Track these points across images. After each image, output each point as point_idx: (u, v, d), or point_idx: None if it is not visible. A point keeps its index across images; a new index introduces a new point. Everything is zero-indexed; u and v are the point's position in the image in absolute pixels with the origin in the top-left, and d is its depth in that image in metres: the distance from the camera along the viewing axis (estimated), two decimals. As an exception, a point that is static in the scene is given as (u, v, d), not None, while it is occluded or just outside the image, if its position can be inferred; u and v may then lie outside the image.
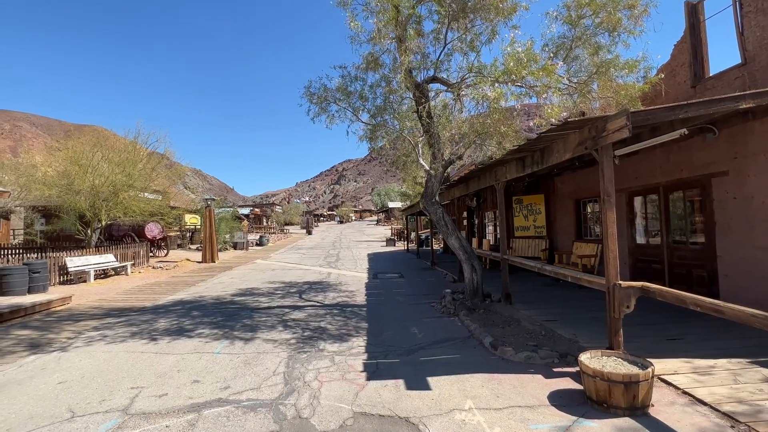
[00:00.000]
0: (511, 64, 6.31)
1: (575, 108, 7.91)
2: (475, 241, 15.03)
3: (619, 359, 4.00)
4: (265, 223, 61.71)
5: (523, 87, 6.90)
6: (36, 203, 21.57)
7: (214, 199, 24.73)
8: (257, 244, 32.23)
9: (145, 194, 19.71)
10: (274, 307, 8.81)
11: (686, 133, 4.95)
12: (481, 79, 7.03)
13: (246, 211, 57.26)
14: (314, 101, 8.35)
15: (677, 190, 7.83)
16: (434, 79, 8.19)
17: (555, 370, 4.71)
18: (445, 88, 8.19)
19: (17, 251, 19.39)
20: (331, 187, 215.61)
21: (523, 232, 12.98)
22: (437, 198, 8.66)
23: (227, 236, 28.14)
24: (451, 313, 7.66)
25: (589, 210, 10.97)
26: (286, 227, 64.39)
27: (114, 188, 17.31)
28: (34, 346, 6.16)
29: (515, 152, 6.47)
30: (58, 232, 20.80)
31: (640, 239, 8.87)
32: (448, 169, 9.30)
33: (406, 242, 27.21)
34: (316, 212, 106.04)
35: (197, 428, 3.55)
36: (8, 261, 12.46)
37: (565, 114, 7.54)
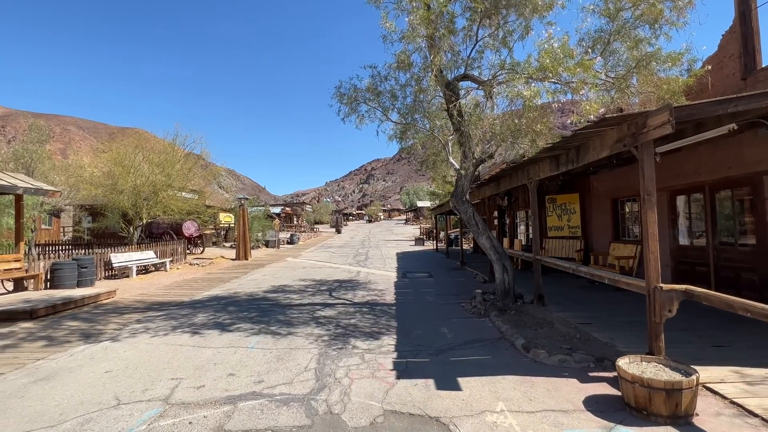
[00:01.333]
0: (547, 60, 6.16)
1: (613, 104, 7.64)
2: (505, 241, 14.76)
3: (660, 365, 3.84)
4: (295, 222, 62.89)
5: (558, 83, 6.72)
6: (84, 202, 22.89)
7: (247, 198, 25.45)
8: (288, 243, 32.90)
9: (183, 193, 20.52)
10: (305, 305, 8.97)
11: (735, 128, 4.67)
12: (514, 77, 6.90)
13: (277, 210, 58.51)
14: (344, 102, 8.44)
15: (725, 188, 7.41)
16: (465, 77, 8.10)
17: (591, 374, 4.57)
18: (476, 86, 8.09)
19: (67, 247, 20.62)
20: (360, 186, 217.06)
21: (556, 232, 12.65)
22: (467, 197, 8.56)
23: (259, 234, 28.89)
24: (481, 314, 7.57)
25: (627, 209, 10.56)
26: (315, 226, 65.39)
27: (154, 188, 18.10)
28: (84, 337, 6.53)
29: (549, 150, 6.31)
30: (103, 229, 22.02)
31: (683, 240, 8.45)
32: (479, 168, 9.19)
33: (435, 242, 27.06)
34: (345, 211, 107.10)
35: (233, 420, 3.67)
36: (59, 256, 13.28)
37: (602, 110, 7.29)
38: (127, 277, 13.98)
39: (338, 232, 52.68)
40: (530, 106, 6.82)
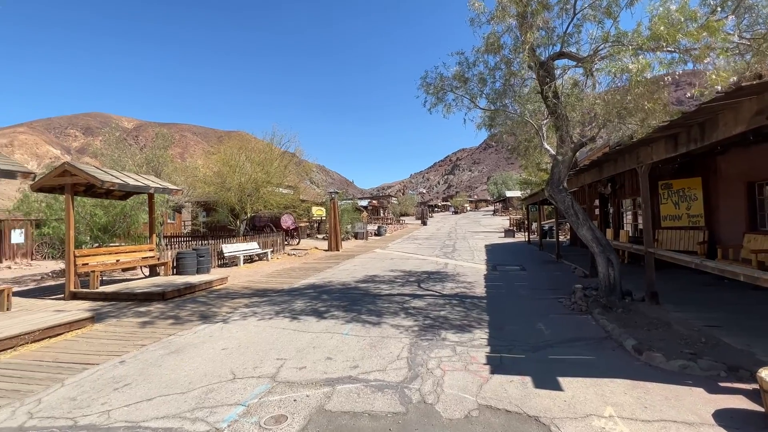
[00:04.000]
0: (661, 27, 5.42)
1: (748, 71, 6.47)
2: (609, 232, 13.47)
3: (820, 380, 3.19)
4: (381, 214, 64.35)
5: (675, 52, 5.89)
6: (199, 199, 25.90)
7: (337, 193, 26.64)
8: (375, 234, 33.81)
9: (280, 189, 22.19)
10: (394, 295, 9.14)
11: None
12: (620, 49, 6.21)
13: (364, 202, 60.40)
14: (430, 91, 8.34)
15: None
16: (561, 55, 7.50)
17: (721, 384, 3.97)
18: (574, 63, 7.43)
19: (187, 239, 23.58)
20: (445, 177, 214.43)
21: (672, 222, 11.18)
22: (565, 185, 7.95)
23: (349, 226, 30.11)
24: (582, 311, 7.01)
25: (767, 194, 8.93)
26: (401, 218, 66.23)
27: (255, 184, 19.82)
28: (203, 317, 7.41)
29: (665, 129, 5.56)
30: (215, 223, 24.71)
31: None
32: (577, 154, 8.47)
33: (526, 233, 25.71)
34: (430, 203, 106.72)
35: (332, 401, 3.88)
36: (181, 247, 15.22)
37: (733, 79, 6.22)
38: (236, 265, 15.54)
39: (424, 223, 52.73)
40: (638, 81, 6.07)
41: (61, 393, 4.21)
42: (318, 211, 32.63)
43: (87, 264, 9.79)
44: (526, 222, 27.12)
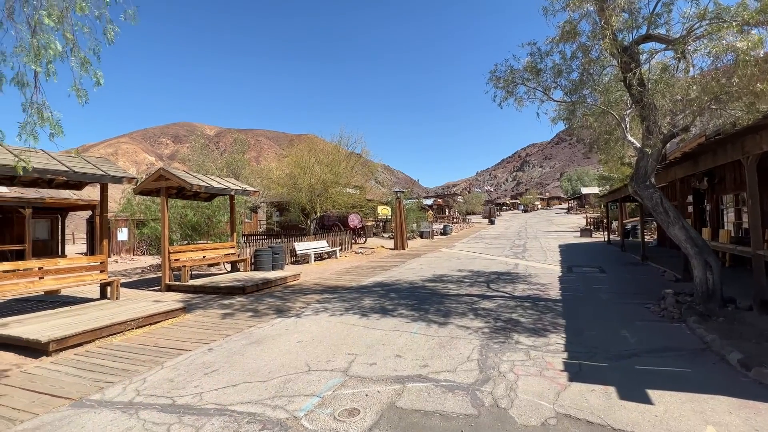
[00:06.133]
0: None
1: None
2: (705, 231, 12.07)
3: None
4: (447, 213, 63.57)
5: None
6: (273, 199, 27.49)
7: (402, 192, 26.82)
8: (441, 234, 33.48)
9: (347, 189, 22.85)
10: (462, 295, 8.99)
11: None
12: (720, 27, 5.53)
13: (429, 201, 60.08)
14: (500, 86, 8.06)
15: None
16: (647, 38, 6.86)
17: None
18: (664, 46, 6.76)
19: (262, 237, 25.14)
20: (514, 174, 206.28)
21: (785, 221, 9.74)
22: (652, 180, 7.26)
23: (414, 225, 30.15)
24: (674, 318, 6.36)
25: None
26: (467, 217, 64.91)
27: (324, 185, 20.59)
28: (279, 311, 7.84)
29: (779, 114, 4.86)
30: (287, 222, 26.06)
31: None
32: (666, 146, 7.69)
33: (606, 233, 23.91)
34: (497, 201, 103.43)
35: (403, 398, 3.91)
36: (257, 245, 16.25)
37: None
38: (307, 262, 16.25)
39: (491, 222, 51.23)
40: (746, 61, 5.35)
41: (161, 374, 4.69)
42: (383, 211, 33.08)
43: (178, 260, 10.83)
44: (605, 221, 25.23)
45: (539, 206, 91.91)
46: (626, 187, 9.07)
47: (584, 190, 67.99)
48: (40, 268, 7.78)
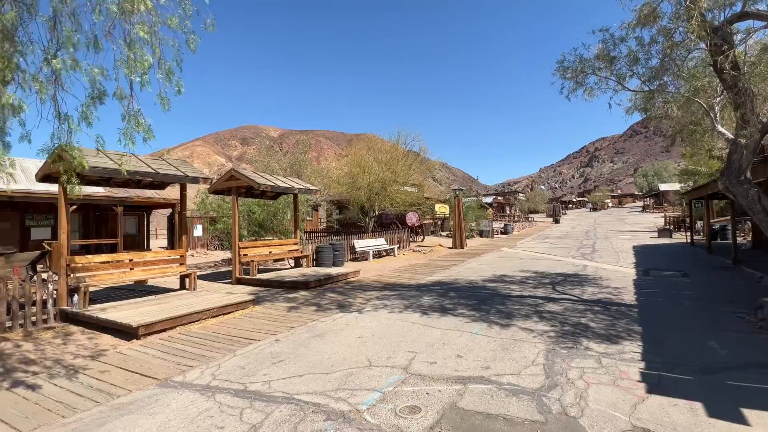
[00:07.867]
0: None
1: None
2: (812, 233, 10.56)
3: None
4: (508, 212, 61.42)
5: None
6: (332, 198, 28.28)
7: (461, 190, 26.37)
8: (502, 232, 32.44)
9: (405, 188, 22.88)
10: (526, 297, 8.65)
11: None
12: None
13: (489, 199, 58.41)
14: (568, 76, 7.63)
15: None
16: (742, 16, 6.13)
17: None
18: (764, 23, 6.00)
19: (323, 234, 25.97)
20: (581, 170, 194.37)
21: None
22: (748, 175, 6.49)
23: (473, 224, 29.49)
24: (774, 330, 5.65)
25: None
26: (530, 215, 62.31)
27: (382, 184, 20.80)
28: (340, 306, 8.06)
29: None
30: (347, 220, 26.67)
31: None
32: (766, 136, 6.84)
33: (688, 233, 21.77)
34: (562, 199, 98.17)
35: (465, 399, 3.84)
36: (318, 242, 16.81)
37: None
38: (366, 259, 16.53)
39: (556, 221, 48.71)
40: None
41: (233, 361, 5.02)
42: (441, 209, 32.69)
43: (247, 255, 11.50)
44: (687, 220, 22.98)
45: (610, 204, 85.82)
46: (715, 183, 8.19)
47: (663, 187, 62.42)
48: (130, 260, 8.67)
